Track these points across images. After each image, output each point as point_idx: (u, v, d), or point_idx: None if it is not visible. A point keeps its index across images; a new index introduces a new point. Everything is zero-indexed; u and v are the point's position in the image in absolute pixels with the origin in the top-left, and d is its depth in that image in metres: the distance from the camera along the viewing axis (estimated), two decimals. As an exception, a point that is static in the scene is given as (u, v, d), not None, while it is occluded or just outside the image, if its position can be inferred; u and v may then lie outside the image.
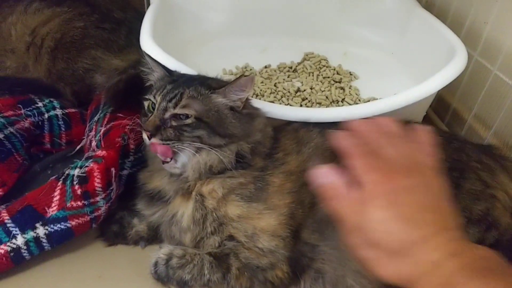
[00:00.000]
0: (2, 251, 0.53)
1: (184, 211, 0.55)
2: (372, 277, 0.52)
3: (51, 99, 0.74)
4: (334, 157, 0.57)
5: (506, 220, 0.58)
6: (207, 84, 0.54)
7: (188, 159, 0.54)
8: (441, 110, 0.92)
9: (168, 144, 0.52)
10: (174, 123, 0.52)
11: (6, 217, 0.54)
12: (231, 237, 0.53)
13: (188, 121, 0.52)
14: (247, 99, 0.55)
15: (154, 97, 0.54)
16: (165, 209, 0.56)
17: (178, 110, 0.52)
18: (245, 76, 0.52)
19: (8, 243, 0.53)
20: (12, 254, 0.53)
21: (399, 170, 0.47)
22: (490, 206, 0.58)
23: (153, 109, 0.54)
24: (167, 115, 0.52)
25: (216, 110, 0.53)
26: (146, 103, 0.56)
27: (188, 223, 0.54)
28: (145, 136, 0.53)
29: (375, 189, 0.45)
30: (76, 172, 0.56)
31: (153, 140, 0.52)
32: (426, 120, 0.85)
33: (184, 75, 0.58)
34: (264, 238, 0.52)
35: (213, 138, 0.53)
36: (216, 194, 0.54)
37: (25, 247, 0.54)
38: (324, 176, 0.48)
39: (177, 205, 0.55)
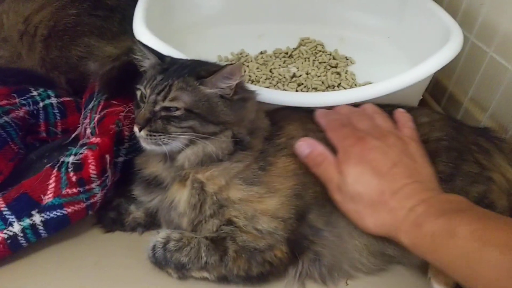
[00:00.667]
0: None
1: (180, 197, 0.55)
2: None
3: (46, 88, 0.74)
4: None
5: (502, 202, 0.58)
6: (197, 73, 0.53)
7: (179, 149, 0.54)
8: (437, 94, 0.92)
9: (155, 136, 0.52)
10: (163, 114, 0.52)
11: (2, 205, 0.55)
12: (229, 221, 0.53)
13: (178, 113, 0.52)
14: (238, 84, 0.54)
15: (145, 88, 0.54)
16: (164, 195, 0.56)
17: (167, 103, 0.52)
18: (231, 64, 0.51)
19: (5, 231, 0.53)
20: (9, 241, 0.54)
21: (371, 135, 0.54)
22: (487, 188, 0.58)
23: (144, 100, 0.54)
24: (157, 107, 0.52)
25: (206, 100, 0.53)
26: (138, 93, 0.55)
27: (184, 209, 0.55)
28: (135, 128, 0.53)
29: (349, 150, 0.53)
30: (71, 159, 0.56)
31: (142, 133, 0.52)
32: (423, 103, 0.84)
33: (176, 61, 0.57)
34: (263, 220, 0.53)
35: (206, 126, 0.53)
36: (218, 181, 0.53)
37: (22, 235, 0.54)
38: (308, 146, 0.55)
39: (174, 192, 0.56)
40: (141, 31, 0.67)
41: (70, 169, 0.55)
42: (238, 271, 0.52)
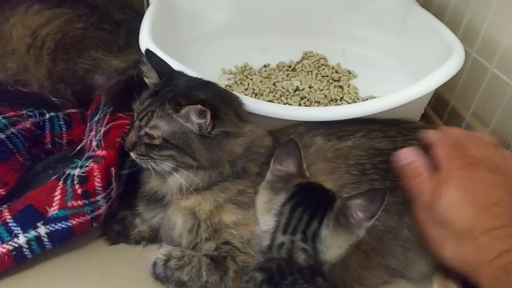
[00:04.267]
0: (4, 250, 0.54)
1: (176, 220, 0.56)
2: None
3: (52, 99, 0.75)
4: (336, 158, 0.58)
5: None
6: (177, 101, 0.51)
7: (166, 176, 0.54)
8: (439, 108, 0.92)
9: (143, 159, 0.53)
10: (146, 141, 0.53)
11: (8, 216, 0.55)
12: (226, 243, 0.53)
13: (156, 141, 0.52)
14: (220, 120, 0.52)
15: (134, 111, 0.55)
16: (164, 213, 0.57)
17: (148, 130, 0.53)
18: (201, 106, 0.49)
19: (10, 242, 0.54)
20: (14, 253, 0.54)
21: (479, 166, 0.49)
22: None
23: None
24: (142, 132, 0.53)
25: (182, 132, 0.52)
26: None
27: (181, 232, 0.55)
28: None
29: (453, 173, 0.48)
30: (77, 172, 0.57)
31: (132, 154, 0.54)
32: (425, 118, 0.85)
33: (170, 82, 0.56)
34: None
35: (185, 157, 0.52)
36: (204, 207, 0.54)
37: (26, 246, 0.55)
38: (408, 156, 0.52)
39: (171, 213, 0.56)
40: (147, 45, 0.68)
41: (75, 182, 0.56)
42: None
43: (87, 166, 0.57)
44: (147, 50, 0.61)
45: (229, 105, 0.55)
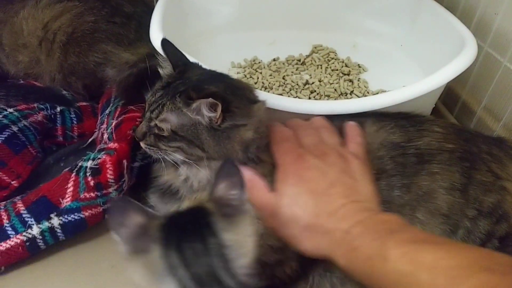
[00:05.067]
0: (18, 241, 0.54)
1: None
2: None
3: (63, 92, 0.75)
4: None
5: (516, 212, 0.58)
6: (188, 95, 0.50)
7: (178, 167, 0.54)
8: (450, 102, 0.91)
9: (152, 149, 0.53)
10: (156, 132, 0.53)
11: (22, 208, 0.56)
12: None
13: (165, 133, 0.52)
14: (230, 113, 0.51)
15: (146, 101, 0.55)
16: (178, 206, 0.56)
17: (157, 122, 0.52)
18: (213, 99, 0.48)
19: (24, 233, 0.55)
20: (28, 243, 0.55)
21: (311, 153, 0.51)
22: (501, 198, 0.57)
23: None
24: (152, 124, 0.53)
25: (192, 124, 0.51)
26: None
27: None
28: None
29: (287, 168, 0.50)
30: (89, 164, 0.57)
31: (141, 144, 0.54)
32: (435, 112, 0.84)
33: (183, 74, 0.56)
34: (274, 237, 0.52)
35: (194, 149, 0.52)
36: None
37: (40, 237, 0.55)
38: (245, 173, 0.50)
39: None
40: (158, 38, 0.68)
41: (88, 174, 0.56)
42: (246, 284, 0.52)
43: (99, 158, 0.57)
44: (164, 40, 0.61)
45: (241, 97, 0.54)
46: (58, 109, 0.73)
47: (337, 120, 0.62)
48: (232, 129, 0.51)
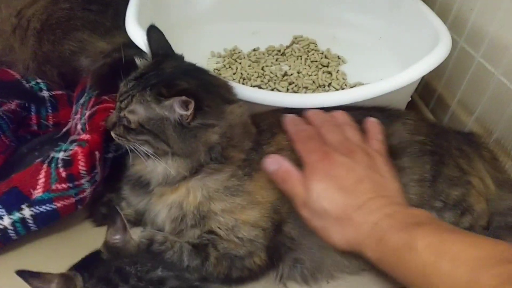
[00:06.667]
0: (-11, 232, 0.54)
1: (160, 209, 0.56)
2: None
3: (38, 81, 0.75)
4: None
5: (480, 206, 0.60)
6: (158, 90, 0.50)
7: (145, 160, 0.54)
8: (426, 96, 0.93)
9: (121, 140, 0.54)
10: (125, 123, 0.53)
11: (-8, 198, 0.56)
12: (210, 231, 0.54)
13: (132, 125, 0.52)
14: (202, 111, 0.51)
15: (118, 91, 0.55)
16: (149, 200, 0.57)
17: (126, 113, 0.52)
18: (186, 97, 0.48)
19: (-5, 224, 0.55)
20: (-1, 234, 0.55)
21: (338, 150, 0.53)
22: (466, 192, 0.60)
23: None
24: (122, 114, 0.53)
25: (158, 119, 0.51)
26: None
27: (164, 220, 0.56)
28: None
29: (314, 166, 0.52)
30: (61, 155, 0.57)
31: (112, 133, 0.54)
32: (412, 105, 0.86)
33: (159, 64, 0.56)
34: (244, 229, 0.53)
35: (160, 143, 0.52)
36: (192, 199, 0.54)
37: (11, 228, 0.55)
38: (275, 163, 0.54)
39: (156, 201, 0.56)
40: (133, 28, 0.68)
41: (60, 165, 0.56)
42: (218, 275, 0.53)
43: (71, 149, 0.57)
44: (152, 26, 0.60)
45: (215, 95, 0.54)
46: (33, 97, 0.72)
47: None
48: (200, 128, 0.51)
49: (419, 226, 0.45)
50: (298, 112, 0.62)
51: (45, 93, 0.74)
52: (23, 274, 0.45)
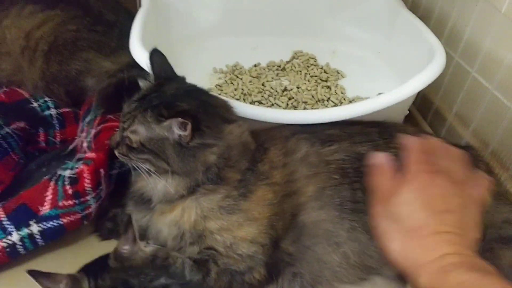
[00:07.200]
0: (-1, 247, 0.57)
1: (161, 226, 0.58)
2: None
3: (46, 99, 0.77)
4: (319, 163, 0.60)
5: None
6: (159, 111, 0.52)
7: (147, 178, 0.56)
8: (424, 109, 0.94)
9: (124, 158, 0.56)
10: (127, 142, 0.55)
11: (2, 215, 0.58)
12: (210, 248, 0.55)
13: (134, 145, 0.54)
14: (200, 132, 0.52)
15: (123, 112, 0.57)
16: (151, 217, 0.59)
17: (128, 133, 0.54)
18: (182, 119, 0.50)
19: (4, 239, 0.57)
20: (8, 249, 0.57)
21: (442, 174, 0.52)
22: None
23: None
24: (125, 134, 0.55)
25: (159, 139, 0.53)
26: None
27: (166, 238, 0.57)
28: None
29: (417, 175, 0.51)
30: (67, 173, 0.59)
31: (115, 152, 0.56)
32: (410, 118, 0.87)
33: (161, 86, 0.58)
34: (243, 246, 0.55)
35: (160, 162, 0.54)
36: (188, 218, 0.55)
37: (20, 243, 0.58)
38: (380, 157, 0.55)
39: (157, 218, 0.58)
40: (137, 49, 0.70)
41: (66, 183, 0.59)
42: None
43: (77, 167, 0.59)
44: (154, 50, 0.62)
45: (214, 116, 0.55)
46: (41, 115, 0.75)
47: (317, 133, 0.64)
48: (199, 148, 0.53)
49: (491, 274, 0.44)
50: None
51: (53, 111, 0.76)
52: (34, 273, 0.48)
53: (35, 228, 0.58)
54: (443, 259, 0.46)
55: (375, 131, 0.66)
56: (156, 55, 0.61)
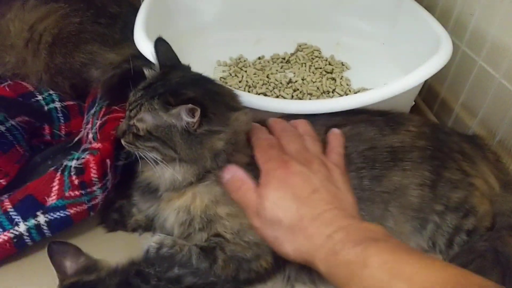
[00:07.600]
0: (6, 238, 0.56)
1: (169, 213, 0.57)
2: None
3: (50, 92, 0.77)
4: (324, 149, 0.60)
5: (484, 207, 0.61)
6: (166, 99, 0.52)
7: (154, 166, 0.55)
8: (430, 99, 0.94)
9: (131, 147, 0.56)
10: (134, 131, 0.55)
11: (9, 206, 0.58)
12: (217, 234, 0.55)
13: (141, 133, 0.54)
14: (207, 119, 0.52)
15: (128, 100, 0.57)
16: (158, 206, 0.59)
17: (135, 121, 0.54)
18: (192, 105, 0.50)
19: (11, 230, 0.57)
20: (15, 240, 0.57)
21: (296, 160, 0.53)
22: (468, 194, 0.61)
23: None
24: (131, 122, 0.55)
25: (166, 126, 0.53)
26: None
27: (173, 224, 0.57)
28: None
29: (271, 174, 0.52)
30: (73, 163, 0.59)
31: (122, 141, 0.56)
32: (416, 108, 0.87)
33: (166, 75, 0.57)
34: (250, 233, 0.55)
35: (167, 150, 0.54)
36: (199, 203, 0.55)
37: (27, 234, 0.57)
38: (229, 172, 0.54)
39: (164, 206, 0.58)
40: (141, 40, 0.70)
41: (72, 173, 0.58)
42: (226, 277, 0.55)
43: (83, 158, 0.59)
44: (159, 39, 0.62)
45: (220, 103, 0.55)
46: (46, 108, 0.75)
47: (321, 121, 0.64)
48: (206, 135, 0.53)
49: (374, 242, 0.44)
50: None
51: (57, 104, 0.76)
52: (56, 244, 0.52)
53: (42, 218, 0.57)
54: (329, 240, 0.46)
55: (380, 119, 0.66)
56: (161, 44, 0.61)
